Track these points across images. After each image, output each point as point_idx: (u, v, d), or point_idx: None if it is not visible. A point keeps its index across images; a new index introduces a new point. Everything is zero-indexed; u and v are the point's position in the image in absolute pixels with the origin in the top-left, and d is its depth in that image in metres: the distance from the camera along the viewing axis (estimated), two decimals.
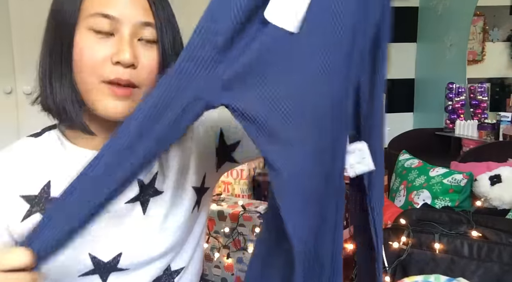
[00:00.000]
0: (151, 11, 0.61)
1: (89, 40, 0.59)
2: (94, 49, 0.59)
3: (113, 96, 0.61)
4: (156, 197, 0.72)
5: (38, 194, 0.64)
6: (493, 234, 1.00)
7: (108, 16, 0.59)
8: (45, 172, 0.65)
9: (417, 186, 1.60)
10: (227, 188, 1.54)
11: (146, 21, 0.61)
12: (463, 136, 2.51)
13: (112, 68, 0.59)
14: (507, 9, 2.77)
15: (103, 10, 0.59)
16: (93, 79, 0.60)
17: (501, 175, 1.49)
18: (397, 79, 3.58)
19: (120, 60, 0.59)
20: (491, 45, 2.82)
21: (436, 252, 1.02)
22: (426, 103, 3.46)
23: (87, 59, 0.59)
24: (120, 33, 0.60)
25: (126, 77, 0.60)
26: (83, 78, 0.60)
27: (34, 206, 0.64)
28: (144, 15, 0.61)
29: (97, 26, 0.59)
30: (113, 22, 0.59)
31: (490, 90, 2.72)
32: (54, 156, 0.67)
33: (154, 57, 0.62)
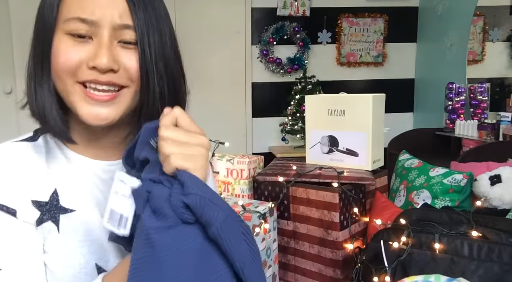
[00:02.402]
0: (130, 13, 0.59)
1: (65, 44, 0.58)
2: (70, 53, 0.58)
3: (92, 102, 0.59)
4: None
5: (48, 200, 0.63)
6: (493, 234, 1.00)
7: (85, 20, 0.57)
8: (50, 179, 0.64)
9: (417, 186, 1.60)
10: (227, 188, 1.54)
11: (125, 23, 0.59)
12: (463, 136, 2.51)
13: (88, 72, 0.58)
14: (507, 9, 2.77)
15: (80, 14, 0.57)
16: (68, 82, 0.59)
17: (501, 175, 1.49)
18: (397, 79, 3.58)
19: (96, 65, 0.57)
20: (491, 45, 2.82)
21: (436, 252, 1.02)
22: (426, 103, 3.46)
23: (62, 63, 0.58)
24: (99, 37, 0.58)
25: (105, 79, 0.58)
26: (60, 82, 0.59)
27: (45, 213, 0.62)
28: (123, 17, 0.59)
29: (74, 31, 0.58)
30: (91, 26, 0.58)
31: (490, 90, 2.72)
32: (56, 163, 0.65)
33: (134, 59, 0.60)
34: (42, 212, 0.62)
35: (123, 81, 0.60)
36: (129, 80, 0.60)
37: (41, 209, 0.62)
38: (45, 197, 0.63)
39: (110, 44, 0.58)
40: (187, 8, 3.25)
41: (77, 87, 0.59)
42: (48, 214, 0.62)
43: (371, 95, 1.39)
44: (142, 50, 0.60)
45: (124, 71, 0.60)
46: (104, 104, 0.59)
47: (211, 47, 3.31)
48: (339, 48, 3.47)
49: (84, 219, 0.65)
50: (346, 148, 1.46)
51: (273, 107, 3.45)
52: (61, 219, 0.63)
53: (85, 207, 0.65)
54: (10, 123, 3.08)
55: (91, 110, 0.59)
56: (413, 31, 3.54)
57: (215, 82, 3.33)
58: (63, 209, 0.63)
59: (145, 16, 0.60)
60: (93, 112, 0.59)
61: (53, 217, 0.62)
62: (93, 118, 0.59)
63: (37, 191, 0.62)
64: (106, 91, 0.59)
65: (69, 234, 0.63)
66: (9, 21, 3.04)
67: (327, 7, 3.43)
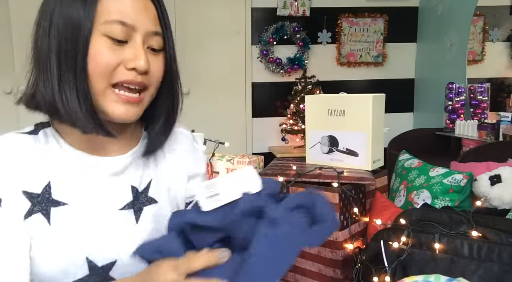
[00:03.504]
0: (159, 21, 0.65)
1: (104, 45, 0.60)
2: (109, 54, 0.61)
3: (124, 103, 0.63)
4: (150, 206, 0.72)
5: (40, 192, 0.64)
6: (493, 234, 1.00)
7: (125, 23, 0.61)
8: (45, 171, 0.65)
9: (417, 186, 1.60)
10: None
11: (156, 30, 0.64)
12: (463, 136, 2.51)
13: (126, 73, 0.62)
14: (507, 9, 2.77)
15: (121, 18, 0.60)
16: (101, 84, 0.61)
17: (501, 175, 1.49)
18: (397, 79, 3.58)
19: (136, 67, 0.62)
20: (491, 45, 2.82)
21: (436, 252, 1.02)
22: (426, 103, 3.46)
23: (103, 64, 0.60)
24: (134, 40, 0.62)
25: (139, 80, 0.63)
26: (94, 82, 0.61)
27: (36, 205, 0.63)
28: (155, 24, 0.64)
29: (112, 33, 0.60)
30: (128, 30, 0.61)
31: (490, 90, 2.72)
32: (52, 156, 0.66)
33: (161, 64, 0.66)
34: (33, 203, 0.63)
35: (149, 84, 0.65)
36: (151, 84, 0.66)
37: (33, 200, 0.63)
38: (37, 189, 0.64)
39: (144, 48, 0.63)
40: (187, 8, 3.25)
41: (109, 91, 0.62)
42: (39, 205, 0.63)
43: (371, 95, 1.39)
44: (169, 56, 0.67)
45: (151, 75, 0.65)
46: (133, 105, 0.64)
47: (211, 47, 3.31)
48: (339, 48, 3.47)
49: (76, 213, 0.65)
50: (346, 148, 1.46)
51: (273, 107, 3.45)
52: (52, 212, 0.64)
53: (78, 201, 0.66)
54: (10, 123, 3.08)
55: (123, 110, 0.63)
56: (413, 31, 3.54)
57: (215, 82, 3.33)
58: (55, 202, 0.64)
59: (168, 24, 0.67)
60: (124, 112, 0.63)
61: (44, 209, 0.63)
62: (124, 118, 0.64)
63: (30, 182, 0.63)
64: (135, 91, 0.64)
65: (60, 227, 0.64)
66: (9, 21, 3.04)
67: (327, 7, 3.43)
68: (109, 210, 0.68)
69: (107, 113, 0.63)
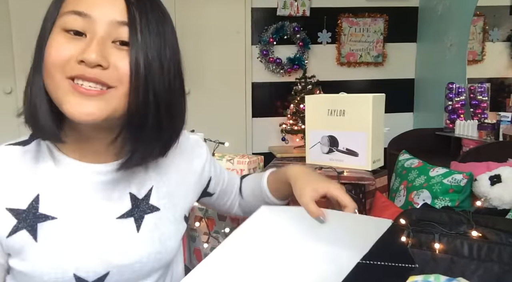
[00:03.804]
0: (126, 11, 0.57)
1: (59, 40, 0.57)
2: (63, 48, 0.56)
3: (79, 95, 0.56)
4: (152, 214, 0.70)
5: (26, 208, 0.61)
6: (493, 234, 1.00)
7: (81, 13, 0.56)
8: (34, 184, 0.62)
9: (417, 186, 1.60)
10: None
11: (121, 20, 0.57)
12: (463, 136, 2.51)
13: (76, 66, 0.56)
14: (507, 9, 2.77)
15: (76, 7, 0.57)
16: (57, 77, 0.57)
17: (501, 175, 1.49)
18: (397, 79, 3.58)
19: (84, 59, 0.55)
20: (491, 45, 2.82)
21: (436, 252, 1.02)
22: (426, 103, 3.46)
23: (54, 57, 0.56)
24: (92, 33, 0.57)
25: (92, 74, 0.56)
26: (50, 78, 0.57)
27: (21, 222, 0.60)
28: (120, 14, 0.57)
29: (69, 24, 0.57)
30: (86, 21, 0.56)
31: (490, 90, 2.72)
32: (43, 167, 0.64)
33: (127, 60, 0.57)
34: (18, 220, 0.60)
35: (111, 81, 0.57)
36: (118, 81, 0.57)
37: (18, 217, 0.60)
38: (23, 205, 0.61)
39: (102, 41, 0.56)
40: (187, 8, 3.25)
41: (66, 83, 0.57)
42: (24, 222, 0.60)
43: (371, 95, 1.39)
44: (135, 51, 0.57)
45: (114, 70, 0.57)
46: (91, 99, 0.57)
47: (211, 47, 3.31)
48: (339, 48, 3.47)
49: (65, 227, 0.63)
50: (346, 148, 1.46)
51: (273, 107, 3.45)
52: (39, 228, 0.61)
53: (69, 213, 0.63)
54: (10, 123, 3.07)
55: (77, 104, 0.56)
56: (413, 31, 3.54)
57: (215, 82, 3.33)
58: (43, 217, 0.61)
59: (141, 17, 0.58)
60: (78, 105, 0.56)
61: (29, 225, 0.61)
62: (78, 113, 0.56)
63: (15, 198, 0.61)
64: (93, 87, 0.57)
65: (47, 243, 0.61)
66: (9, 21, 3.04)
67: (327, 7, 3.43)
68: (105, 220, 0.66)
69: (65, 109, 0.57)
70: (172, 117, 0.64)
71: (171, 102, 0.63)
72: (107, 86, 0.57)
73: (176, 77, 0.64)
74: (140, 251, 0.67)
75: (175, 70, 0.63)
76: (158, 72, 0.59)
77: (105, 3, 0.57)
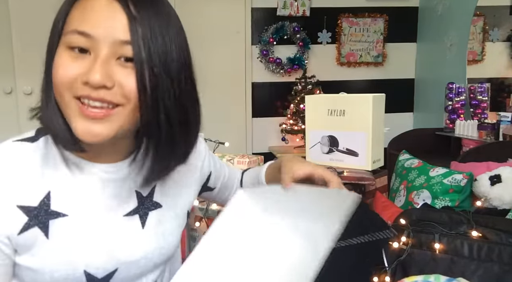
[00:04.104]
0: (129, 28, 0.56)
1: (64, 58, 0.57)
2: (68, 67, 0.57)
3: (86, 117, 0.57)
4: (155, 210, 0.72)
5: (37, 205, 0.61)
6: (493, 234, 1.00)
7: (84, 33, 0.56)
8: (44, 181, 0.62)
9: (417, 186, 1.60)
10: None
11: (124, 39, 0.56)
12: (463, 136, 2.51)
13: (82, 87, 0.56)
14: (507, 9, 2.77)
15: (79, 27, 0.56)
16: (66, 97, 0.58)
17: (501, 175, 1.49)
18: (397, 79, 3.58)
19: (88, 81, 0.55)
20: (491, 45, 2.82)
21: (436, 252, 1.02)
22: (426, 103, 3.46)
23: (61, 76, 0.57)
24: (96, 52, 0.56)
25: (98, 95, 0.56)
26: (59, 96, 0.59)
27: (32, 219, 0.60)
28: (123, 32, 0.56)
29: (72, 44, 0.57)
30: (90, 40, 0.56)
31: (490, 90, 2.72)
32: (53, 164, 0.64)
33: (132, 77, 0.57)
34: (29, 217, 0.60)
35: (116, 99, 0.57)
36: (124, 99, 0.57)
37: (29, 214, 0.60)
38: (34, 202, 0.61)
39: (106, 60, 0.56)
40: (187, 8, 3.25)
41: (74, 103, 0.57)
42: (35, 219, 0.61)
43: (371, 95, 1.39)
44: (139, 68, 0.57)
45: (118, 89, 0.57)
46: (97, 121, 0.57)
47: (211, 47, 3.31)
48: (339, 48, 3.47)
49: (76, 224, 0.63)
50: (346, 148, 1.46)
51: (273, 107, 3.45)
52: (51, 224, 0.62)
53: (79, 211, 0.64)
54: (10, 123, 3.08)
55: (84, 126, 0.57)
56: (413, 31, 3.54)
57: (215, 82, 3.33)
58: (55, 214, 0.62)
59: (145, 31, 0.57)
60: (85, 128, 0.57)
61: (41, 222, 0.61)
62: (85, 135, 0.58)
63: (26, 196, 0.61)
64: (99, 107, 0.57)
65: (59, 239, 0.62)
66: (9, 21, 3.04)
67: (327, 7, 3.43)
68: (113, 217, 0.67)
69: (73, 129, 0.59)
70: (186, 128, 0.65)
71: (184, 114, 0.63)
72: (114, 104, 0.58)
73: (188, 85, 0.63)
74: (145, 247, 0.70)
75: (186, 79, 0.62)
76: (166, 86, 0.59)
77: (107, 22, 0.56)
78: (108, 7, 0.56)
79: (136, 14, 0.57)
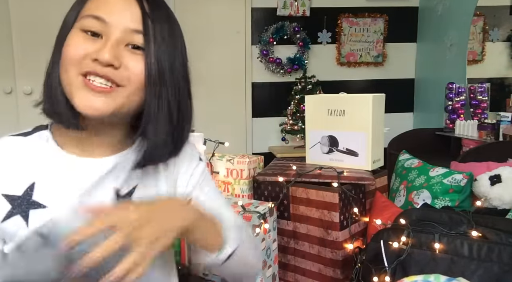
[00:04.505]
0: (142, 21, 0.63)
1: (77, 38, 0.62)
2: (80, 46, 0.61)
3: (89, 90, 0.61)
4: None
5: (21, 195, 0.65)
6: (493, 234, 1.00)
7: (99, 18, 0.61)
8: (30, 173, 0.66)
9: (417, 186, 1.60)
10: (227, 188, 1.54)
11: (135, 28, 0.62)
12: (463, 136, 2.51)
13: (90, 63, 0.61)
14: (507, 9, 2.77)
15: (95, 12, 0.62)
16: (72, 73, 0.62)
17: (501, 175, 1.49)
18: (397, 79, 3.58)
19: (98, 58, 0.60)
20: (491, 45, 2.82)
21: (436, 252, 1.02)
22: (426, 103, 3.46)
23: (71, 54, 0.62)
24: (108, 36, 0.62)
25: (104, 72, 0.61)
26: (65, 73, 0.62)
27: (15, 207, 0.64)
28: (135, 22, 0.62)
29: (86, 26, 0.62)
30: (103, 25, 0.61)
31: (490, 90, 2.72)
32: (40, 157, 0.67)
33: (139, 63, 0.63)
34: (13, 206, 0.64)
35: (120, 80, 0.62)
36: (127, 80, 0.62)
37: (13, 203, 0.64)
38: (19, 191, 0.65)
39: (116, 43, 0.61)
40: (187, 8, 3.25)
41: (79, 79, 0.61)
42: (18, 208, 0.64)
43: (371, 95, 1.39)
44: (149, 56, 0.62)
45: (124, 70, 0.62)
46: (99, 95, 0.61)
47: (211, 47, 3.31)
48: (339, 48, 3.47)
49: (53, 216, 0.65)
50: (346, 148, 1.46)
51: (273, 107, 3.45)
52: (31, 214, 0.64)
53: (58, 204, 0.66)
54: (10, 123, 3.08)
55: (86, 99, 0.61)
56: (413, 31, 3.54)
57: (215, 82, 3.33)
58: (35, 204, 0.65)
59: (155, 25, 0.63)
60: (87, 100, 0.61)
61: (23, 211, 0.64)
62: (86, 108, 0.61)
63: (11, 185, 0.65)
64: (103, 84, 0.62)
65: None
66: (9, 21, 3.04)
67: (327, 7, 3.43)
68: None
69: (75, 103, 0.62)
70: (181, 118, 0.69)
71: (181, 104, 0.68)
72: (116, 84, 0.62)
73: (185, 82, 0.69)
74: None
75: (184, 75, 0.69)
76: (169, 77, 0.65)
77: (122, 11, 0.62)
78: (124, 2, 0.63)
79: (149, 11, 0.63)
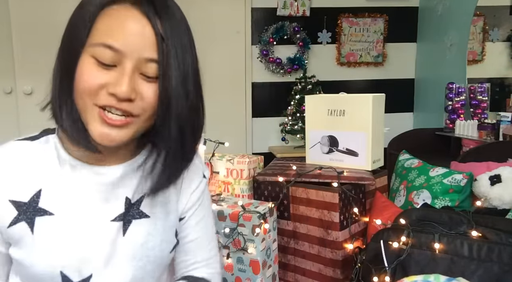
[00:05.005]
0: (156, 47, 0.59)
1: (90, 66, 0.59)
2: (94, 77, 0.59)
3: (104, 122, 0.60)
4: (141, 220, 0.69)
5: (27, 201, 0.64)
6: (493, 234, 1.00)
7: (112, 47, 0.58)
8: (37, 179, 0.65)
9: (417, 186, 1.60)
10: (227, 188, 1.54)
11: (150, 57, 0.59)
12: (463, 136, 2.51)
13: (107, 97, 0.59)
14: (507, 9, 2.77)
15: (108, 41, 0.58)
16: (88, 102, 0.60)
17: (501, 175, 1.49)
18: (397, 79, 3.58)
19: (115, 93, 0.58)
20: (491, 45, 2.82)
21: (436, 252, 1.02)
22: (426, 103, 3.46)
23: (85, 85, 0.59)
24: (123, 66, 0.59)
25: (121, 106, 0.59)
26: (81, 101, 0.60)
27: (21, 214, 0.63)
28: (150, 50, 0.59)
29: (100, 56, 0.58)
30: (117, 54, 0.58)
31: (490, 90, 2.72)
32: (48, 163, 0.66)
33: (154, 92, 0.61)
34: (19, 212, 0.63)
35: (137, 111, 0.61)
36: (142, 110, 0.61)
37: (19, 209, 0.63)
38: (25, 198, 0.64)
39: (132, 74, 0.59)
40: (187, 8, 3.23)
41: (95, 110, 0.60)
42: (24, 215, 0.63)
43: (371, 95, 1.39)
44: (164, 84, 0.60)
45: (140, 101, 0.60)
46: (115, 128, 0.61)
47: (211, 47, 3.31)
48: (339, 48, 3.47)
49: (60, 224, 0.64)
50: (346, 148, 1.46)
51: (273, 107, 3.45)
52: (37, 221, 0.64)
53: (66, 211, 0.65)
54: (10, 123, 3.08)
55: (102, 131, 0.60)
56: (413, 31, 3.54)
57: (215, 82, 3.33)
58: (42, 211, 0.64)
59: (170, 51, 0.60)
60: (104, 133, 0.61)
61: (28, 218, 0.63)
62: (103, 139, 0.61)
63: (18, 191, 0.64)
64: (120, 116, 0.60)
65: (41, 236, 0.63)
66: (9, 21, 3.04)
67: (327, 7, 3.43)
68: (100, 221, 0.67)
69: (90, 132, 0.61)
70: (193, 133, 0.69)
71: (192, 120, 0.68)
72: (132, 115, 0.61)
73: (197, 97, 0.68)
74: (121, 256, 0.67)
75: (197, 93, 0.68)
76: (182, 99, 0.63)
77: (137, 39, 0.58)
78: (137, 23, 0.58)
79: (164, 33, 0.59)
